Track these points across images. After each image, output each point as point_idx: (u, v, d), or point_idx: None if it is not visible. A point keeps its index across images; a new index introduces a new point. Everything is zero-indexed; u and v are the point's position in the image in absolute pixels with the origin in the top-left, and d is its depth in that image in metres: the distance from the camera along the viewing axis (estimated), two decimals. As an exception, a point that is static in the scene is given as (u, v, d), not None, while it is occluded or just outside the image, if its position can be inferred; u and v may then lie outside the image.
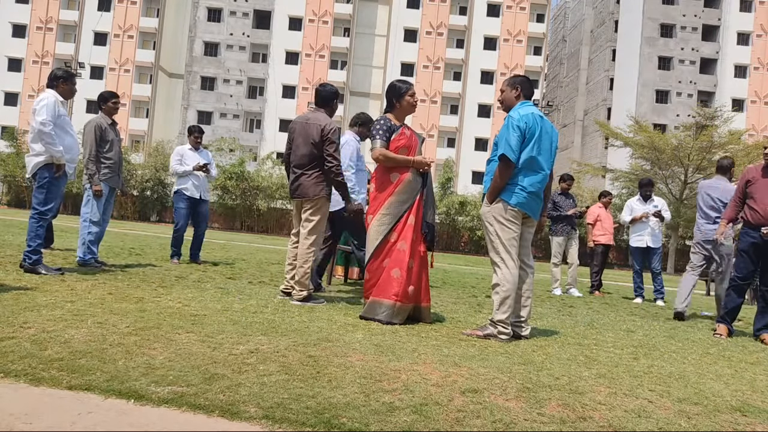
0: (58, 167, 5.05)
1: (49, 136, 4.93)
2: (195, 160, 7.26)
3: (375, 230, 4.12)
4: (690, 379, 3.06)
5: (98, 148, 5.82)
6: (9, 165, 30.52)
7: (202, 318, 3.51)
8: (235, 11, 46.86)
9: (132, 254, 7.63)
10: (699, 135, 26.66)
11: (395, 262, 4.05)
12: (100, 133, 5.84)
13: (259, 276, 6.46)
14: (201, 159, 7.31)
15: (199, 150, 7.45)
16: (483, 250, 26.88)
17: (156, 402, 2.06)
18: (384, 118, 4.29)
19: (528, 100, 4.08)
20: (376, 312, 3.97)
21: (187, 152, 7.34)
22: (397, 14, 47.04)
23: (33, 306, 3.45)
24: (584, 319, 5.38)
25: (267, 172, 30.93)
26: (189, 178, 7.23)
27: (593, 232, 9.04)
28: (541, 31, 47.05)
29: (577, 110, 54.94)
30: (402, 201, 4.13)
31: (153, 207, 31.85)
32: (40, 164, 5.02)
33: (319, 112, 4.76)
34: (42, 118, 4.93)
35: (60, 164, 5.05)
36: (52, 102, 5.05)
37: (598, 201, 9.34)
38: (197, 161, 7.26)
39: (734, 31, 44.52)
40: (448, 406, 2.23)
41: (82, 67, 39.09)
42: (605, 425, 2.19)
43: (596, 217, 9.02)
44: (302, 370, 2.53)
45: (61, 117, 5.12)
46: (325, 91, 4.82)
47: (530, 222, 4.06)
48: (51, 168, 5.04)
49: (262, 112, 46.41)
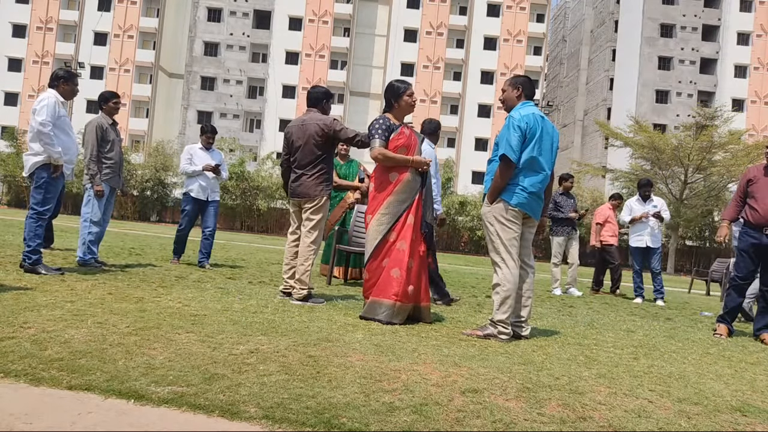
0: (56, 168, 5.04)
1: (47, 136, 4.92)
2: (205, 161, 6.99)
3: (374, 230, 4.12)
4: (690, 379, 3.06)
5: (99, 149, 5.82)
6: (9, 165, 30.54)
7: (202, 318, 3.51)
8: (235, 11, 46.86)
9: (132, 254, 7.62)
10: (699, 135, 26.66)
11: (395, 261, 4.05)
12: (102, 133, 5.83)
13: (259, 276, 6.46)
14: (211, 159, 7.05)
15: (211, 150, 7.17)
16: (483, 250, 26.89)
17: (156, 402, 2.05)
18: (383, 117, 4.30)
19: (529, 100, 4.08)
20: (376, 312, 3.97)
21: (198, 151, 7.06)
22: (397, 14, 47.04)
23: (33, 306, 3.45)
24: (584, 319, 5.38)
25: (267, 172, 30.94)
26: (197, 179, 6.94)
27: (602, 233, 8.85)
28: (541, 31, 47.05)
29: (577, 110, 54.93)
30: (401, 201, 4.13)
31: (153, 207, 31.85)
32: (37, 164, 5.01)
33: (312, 113, 4.83)
34: (41, 119, 4.93)
35: (57, 165, 5.04)
36: (52, 102, 5.04)
37: (608, 202, 9.21)
38: (207, 161, 7.00)
39: (734, 31, 44.51)
40: (448, 406, 2.23)
41: (82, 67, 39.06)
42: (605, 425, 2.19)
43: (606, 217, 8.87)
44: (302, 370, 2.53)
45: (60, 118, 5.12)
46: (315, 92, 4.90)
47: (531, 222, 4.06)
48: (48, 168, 5.03)
49: (262, 112, 46.41)
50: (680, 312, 7.11)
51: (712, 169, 27.13)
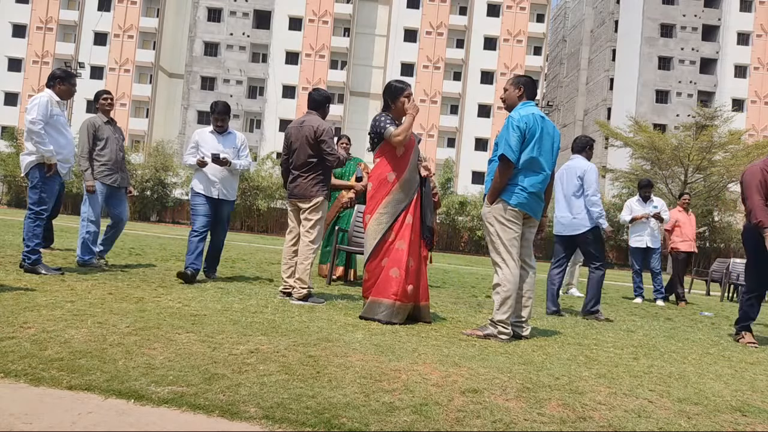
0: (49, 167, 5.06)
1: (38, 134, 4.93)
2: (214, 148, 5.56)
3: (373, 229, 4.12)
4: (690, 379, 3.06)
5: (92, 147, 5.85)
6: (9, 165, 30.52)
7: (202, 318, 3.51)
8: (235, 11, 46.86)
9: (132, 254, 7.62)
10: (699, 135, 26.63)
11: (394, 261, 4.05)
12: (93, 131, 5.86)
13: (259, 276, 6.47)
14: (221, 146, 5.60)
15: (227, 133, 5.73)
16: (483, 250, 26.89)
17: (156, 402, 2.05)
18: (384, 113, 4.33)
19: (531, 100, 4.08)
20: (376, 312, 3.98)
21: (206, 136, 5.66)
22: (397, 14, 47.04)
23: (33, 306, 3.45)
24: (584, 319, 5.38)
25: (267, 172, 30.90)
26: (202, 170, 5.55)
27: (671, 238, 8.56)
28: (541, 31, 47.05)
29: (577, 110, 54.94)
30: (399, 200, 4.14)
31: (153, 207, 31.83)
32: (32, 164, 5.04)
33: (311, 115, 4.90)
34: (32, 117, 4.95)
35: (51, 164, 5.06)
36: (44, 101, 5.04)
37: (677, 203, 8.81)
38: (216, 148, 5.57)
39: (734, 31, 44.52)
40: (448, 406, 2.23)
41: (82, 67, 39.06)
42: (605, 425, 2.19)
43: (674, 222, 8.52)
44: (302, 370, 2.53)
45: (54, 117, 5.12)
46: (317, 95, 4.98)
47: (532, 222, 4.05)
48: (42, 167, 5.05)
49: (262, 112, 46.41)
50: (680, 312, 7.11)
51: (712, 169, 27.08)
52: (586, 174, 5.67)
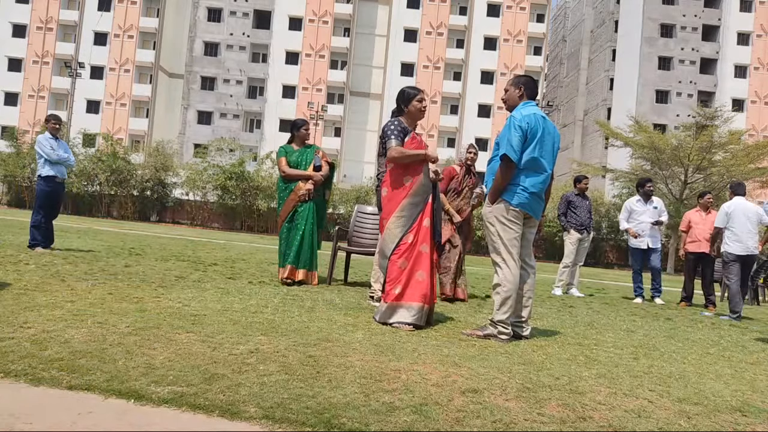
0: None
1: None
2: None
3: (392, 232, 4.10)
4: (690, 379, 3.06)
5: None
6: (9, 165, 30.50)
7: (202, 318, 3.51)
8: (235, 11, 46.86)
9: (132, 254, 7.62)
10: (699, 135, 26.62)
11: (419, 264, 4.03)
12: None
13: (259, 276, 6.46)
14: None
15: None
16: (483, 250, 26.88)
17: (156, 402, 2.05)
18: (397, 119, 4.34)
19: (532, 100, 4.08)
20: (406, 316, 3.91)
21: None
22: (397, 14, 47.05)
23: (33, 306, 3.45)
24: (584, 319, 5.38)
25: (267, 172, 30.91)
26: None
27: (686, 240, 8.36)
28: (541, 31, 47.06)
29: (577, 110, 54.94)
30: (415, 203, 4.13)
31: (153, 207, 31.85)
32: None
33: None
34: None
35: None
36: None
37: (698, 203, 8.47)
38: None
39: (734, 31, 44.53)
40: (448, 406, 2.23)
41: (82, 67, 39.06)
42: (605, 425, 2.19)
43: (688, 223, 8.30)
44: (302, 370, 2.53)
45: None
46: None
47: (532, 222, 4.05)
48: None
49: (262, 112, 46.40)
50: (680, 312, 7.11)
51: (712, 169, 27.08)
52: None
